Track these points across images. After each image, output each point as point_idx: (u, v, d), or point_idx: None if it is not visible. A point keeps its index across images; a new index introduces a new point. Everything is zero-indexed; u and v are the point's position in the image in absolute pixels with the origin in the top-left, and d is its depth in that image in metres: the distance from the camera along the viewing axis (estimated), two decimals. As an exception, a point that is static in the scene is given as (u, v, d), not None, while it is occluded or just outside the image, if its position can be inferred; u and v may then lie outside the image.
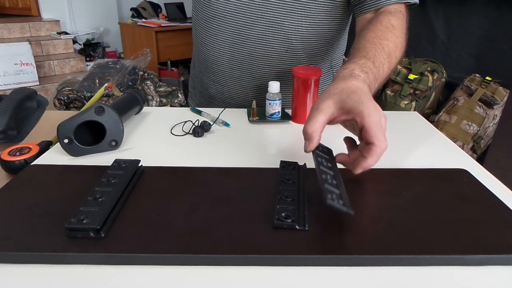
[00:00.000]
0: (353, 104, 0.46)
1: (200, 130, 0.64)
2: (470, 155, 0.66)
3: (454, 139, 2.06)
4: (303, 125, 0.70)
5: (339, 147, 0.52)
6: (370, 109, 0.45)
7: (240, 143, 0.62)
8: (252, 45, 0.77)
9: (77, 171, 0.50)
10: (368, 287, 0.33)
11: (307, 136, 0.47)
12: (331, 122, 0.49)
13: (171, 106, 2.72)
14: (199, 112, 0.74)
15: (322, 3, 0.74)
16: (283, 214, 0.39)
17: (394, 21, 0.65)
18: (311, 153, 0.47)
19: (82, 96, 2.42)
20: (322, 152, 0.48)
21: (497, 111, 2.06)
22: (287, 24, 0.75)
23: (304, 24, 0.75)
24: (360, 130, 0.46)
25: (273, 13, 0.74)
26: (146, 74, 2.88)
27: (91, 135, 0.57)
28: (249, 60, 0.79)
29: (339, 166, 0.49)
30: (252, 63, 0.79)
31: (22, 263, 0.35)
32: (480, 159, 2.01)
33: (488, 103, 2.08)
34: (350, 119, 0.47)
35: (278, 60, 0.79)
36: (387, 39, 0.61)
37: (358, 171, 0.46)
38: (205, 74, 0.87)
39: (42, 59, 3.38)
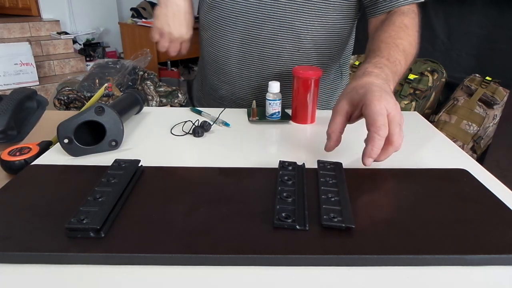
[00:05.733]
0: (359, 97, 0.49)
1: (200, 130, 0.64)
2: (470, 155, 0.66)
3: (454, 139, 2.06)
4: (303, 125, 0.71)
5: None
6: (374, 99, 0.47)
7: (240, 143, 0.62)
8: (263, 45, 0.77)
9: (77, 171, 0.50)
10: (368, 287, 0.33)
11: (327, 136, 0.52)
12: (350, 121, 0.52)
13: (171, 106, 2.72)
14: (199, 112, 0.74)
15: (333, 3, 0.74)
16: (283, 214, 0.39)
17: (407, 21, 0.67)
18: (316, 174, 0.48)
19: (82, 96, 2.42)
20: (329, 170, 0.49)
21: (497, 111, 2.06)
22: (298, 24, 0.75)
23: (316, 24, 0.75)
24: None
25: (284, 13, 0.74)
26: (146, 74, 2.88)
27: (91, 135, 0.57)
28: (259, 61, 0.79)
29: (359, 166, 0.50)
30: (263, 63, 0.79)
31: (22, 263, 0.35)
32: (480, 159, 2.01)
33: (488, 103, 2.08)
34: (359, 116, 0.50)
35: (289, 60, 0.79)
36: (401, 38, 0.63)
37: (365, 161, 0.48)
38: (214, 76, 0.86)
39: (42, 59, 3.38)
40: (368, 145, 0.47)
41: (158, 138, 0.63)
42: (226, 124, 0.69)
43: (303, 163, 0.51)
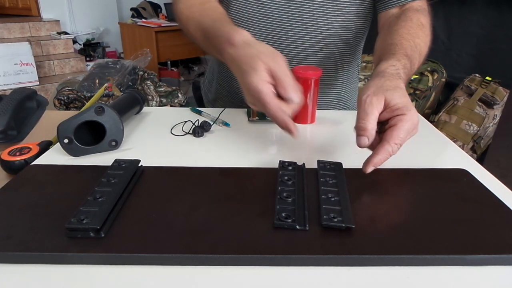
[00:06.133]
0: (401, 104, 0.47)
1: (200, 130, 0.64)
2: (470, 155, 0.66)
3: (454, 139, 2.06)
4: (303, 125, 0.70)
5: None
6: (413, 117, 0.47)
7: (240, 143, 0.62)
8: (288, 47, 0.77)
9: (77, 171, 0.50)
10: (368, 287, 0.33)
11: (367, 133, 0.47)
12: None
13: (171, 106, 2.72)
14: (199, 112, 0.74)
15: (354, 1, 0.74)
16: (283, 214, 0.39)
17: (423, 19, 0.67)
18: (316, 174, 0.48)
19: (82, 96, 2.42)
20: (329, 170, 0.49)
21: (497, 111, 2.06)
22: (322, 25, 0.75)
23: (339, 24, 0.75)
24: (388, 127, 0.47)
25: (309, 14, 0.73)
26: (146, 74, 2.88)
27: (91, 135, 0.57)
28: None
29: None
30: (288, 64, 0.78)
31: (22, 263, 0.35)
32: (480, 159, 2.01)
33: (488, 103, 2.08)
34: (387, 118, 0.48)
35: (313, 60, 0.79)
36: (419, 37, 0.63)
37: (367, 168, 0.47)
38: (235, 80, 0.84)
39: (42, 59, 3.38)
40: (377, 155, 0.46)
41: (158, 138, 0.63)
42: (226, 124, 0.69)
43: (303, 163, 0.51)
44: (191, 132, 0.65)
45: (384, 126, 0.49)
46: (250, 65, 0.50)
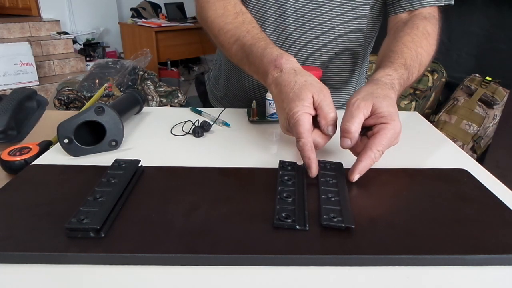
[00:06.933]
0: (386, 113, 0.48)
1: (200, 130, 0.64)
2: (470, 155, 0.66)
3: (454, 139, 2.06)
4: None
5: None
6: (396, 127, 0.48)
7: (240, 143, 0.62)
8: (301, 47, 0.77)
9: (77, 171, 0.50)
10: (368, 287, 0.33)
11: (350, 135, 0.48)
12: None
13: (171, 106, 2.72)
14: (199, 112, 0.74)
15: (368, 3, 0.74)
16: (283, 214, 0.39)
17: (429, 28, 0.66)
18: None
19: (82, 96, 2.43)
20: (329, 170, 0.49)
21: (497, 111, 2.06)
22: (336, 27, 0.75)
23: (352, 25, 0.75)
24: (372, 133, 0.48)
25: (324, 16, 0.74)
26: (146, 74, 2.88)
27: (91, 135, 0.57)
28: None
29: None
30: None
31: (22, 263, 0.35)
32: (480, 159, 2.01)
33: (488, 103, 2.08)
34: (372, 124, 0.49)
35: (325, 62, 0.79)
36: (422, 47, 0.62)
37: (353, 177, 0.47)
38: (245, 78, 0.85)
39: (42, 59, 3.38)
40: (361, 162, 0.47)
41: (158, 138, 0.63)
42: (226, 124, 0.69)
43: (303, 163, 0.51)
44: (191, 132, 0.65)
45: (368, 131, 0.50)
46: (296, 93, 0.50)
